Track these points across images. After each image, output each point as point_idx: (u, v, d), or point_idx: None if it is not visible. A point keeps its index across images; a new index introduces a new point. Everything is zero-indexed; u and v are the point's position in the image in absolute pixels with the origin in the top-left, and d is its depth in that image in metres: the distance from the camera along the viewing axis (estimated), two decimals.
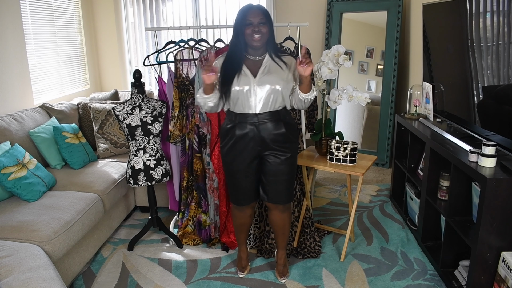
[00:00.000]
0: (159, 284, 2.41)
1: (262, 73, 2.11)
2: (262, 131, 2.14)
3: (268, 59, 2.15)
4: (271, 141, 2.15)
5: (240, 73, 2.11)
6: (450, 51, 2.59)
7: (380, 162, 4.28)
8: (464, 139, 2.34)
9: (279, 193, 2.25)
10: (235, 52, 2.13)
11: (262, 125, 2.14)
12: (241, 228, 2.44)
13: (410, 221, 3.02)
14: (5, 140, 2.74)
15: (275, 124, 2.14)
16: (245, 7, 2.10)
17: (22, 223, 2.21)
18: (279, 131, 2.15)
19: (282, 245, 2.45)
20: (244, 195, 2.29)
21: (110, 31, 4.62)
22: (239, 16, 2.09)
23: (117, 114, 2.63)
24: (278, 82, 2.10)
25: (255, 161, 2.22)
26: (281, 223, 2.36)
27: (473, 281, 2.03)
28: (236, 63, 2.13)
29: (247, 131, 2.14)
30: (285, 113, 2.19)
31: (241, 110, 2.14)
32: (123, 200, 3.11)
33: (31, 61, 3.54)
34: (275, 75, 2.11)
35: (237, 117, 2.16)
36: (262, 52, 2.15)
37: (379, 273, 2.48)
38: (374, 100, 4.21)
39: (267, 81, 2.10)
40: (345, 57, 2.44)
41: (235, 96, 2.12)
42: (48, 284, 1.66)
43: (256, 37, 2.06)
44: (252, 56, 2.16)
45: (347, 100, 2.55)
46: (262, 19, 2.06)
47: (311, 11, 4.50)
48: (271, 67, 2.13)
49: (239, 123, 2.16)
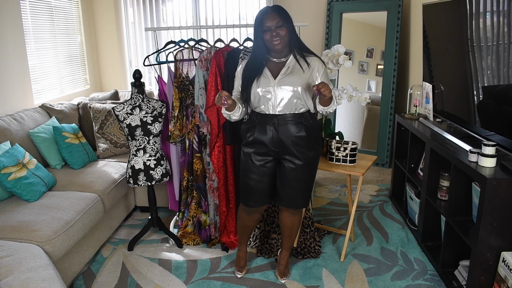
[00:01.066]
0: (159, 284, 2.41)
1: (283, 74, 2.08)
2: (281, 133, 2.10)
3: (291, 60, 2.11)
4: (290, 144, 2.11)
5: (260, 76, 2.09)
6: (450, 51, 2.59)
7: (380, 162, 4.28)
8: (464, 139, 2.34)
9: (294, 198, 2.23)
10: (256, 56, 2.11)
11: (281, 126, 2.10)
12: (244, 230, 2.42)
13: (410, 221, 3.02)
14: (5, 140, 2.74)
15: (296, 127, 2.10)
16: (261, 11, 2.06)
17: (22, 223, 2.21)
18: (299, 134, 2.10)
19: (287, 246, 2.44)
20: (256, 197, 2.24)
21: (110, 31, 4.62)
22: (256, 22, 2.05)
23: (117, 114, 2.63)
24: (299, 84, 2.06)
25: (273, 163, 2.19)
26: (289, 224, 2.35)
27: (473, 281, 2.03)
28: (257, 67, 2.10)
29: (266, 132, 2.12)
30: (307, 116, 2.14)
31: (261, 111, 2.12)
32: (123, 200, 3.11)
33: (31, 61, 3.54)
34: (297, 77, 2.07)
35: (258, 117, 2.14)
36: (286, 53, 2.11)
37: (379, 273, 2.48)
38: (374, 100, 4.21)
39: (288, 82, 2.06)
40: (345, 57, 2.44)
41: (256, 97, 2.10)
42: (48, 284, 1.66)
43: (275, 41, 2.02)
44: (275, 59, 2.12)
45: (347, 100, 2.55)
46: (279, 22, 2.01)
47: (311, 11, 4.50)
48: (293, 68, 2.10)
49: (259, 123, 2.14)
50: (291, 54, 2.12)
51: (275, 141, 2.12)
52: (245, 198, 2.28)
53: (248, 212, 2.32)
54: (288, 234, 2.39)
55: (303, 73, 2.09)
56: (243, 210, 2.34)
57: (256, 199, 2.25)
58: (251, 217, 2.34)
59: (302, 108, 2.11)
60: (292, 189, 2.19)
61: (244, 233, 2.45)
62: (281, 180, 2.21)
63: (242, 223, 2.40)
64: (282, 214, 2.35)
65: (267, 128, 2.12)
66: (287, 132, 2.10)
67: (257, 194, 2.23)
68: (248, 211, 2.32)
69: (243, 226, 2.41)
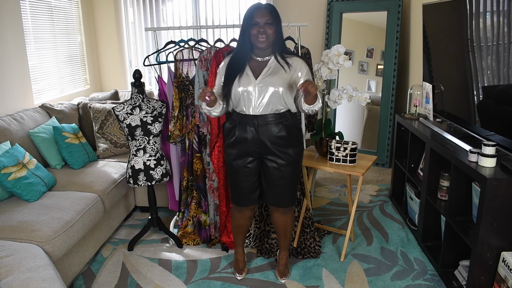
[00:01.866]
0: (159, 284, 2.41)
1: (264, 75, 2.08)
2: (261, 133, 2.11)
3: (273, 60, 2.12)
4: (271, 144, 2.12)
5: (242, 74, 2.09)
6: (450, 51, 2.59)
7: (380, 162, 4.28)
8: (464, 139, 2.34)
9: (279, 197, 2.24)
10: (240, 52, 2.11)
11: (261, 127, 2.10)
12: (238, 229, 2.44)
13: (410, 221, 3.02)
14: (5, 140, 2.74)
15: (276, 127, 2.11)
16: (253, 6, 2.06)
17: (22, 223, 2.21)
18: (279, 134, 2.11)
19: (284, 246, 2.45)
20: (244, 196, 2.28)
21: (110, 31, 4.62)
22: (246, 16, 2.05)
23: (117, 114, 2.63)
24: (281, 84, 2.06)
25: (255, 163, 2.20)
26: (282, 224, 2.35)
27: (473, 281, 2.03)
28: (240, 64, 2.10)
29: (246, 132, 2.13)
30: (288, 116, 2.14)
31: (242, 111, 2.13)
32: (123, 200, 3.11)
33: (31, 61, 3.54)
34: (278, 77, 2.07)
35: (238, 117, 2.14)
36: (268, 53, 2.12)
37: (379, 273, 2.48)
38: (374, 100, 4.21)
39: (269, 83, 2.06)
40: (345, 57, 2.44)
41: (236, 97, 2.10)
42: (48, 284, 1.66)
43: (261, 38, 2.02)
44: (258, 57, 2.12)
45: (347, 100, 2.55)
46: (269, 19, 2.01)
47: (311, 11, 4.50)
48: (274, 69, 2.10)
49: (239, 124, 2.14)
50: (273, 54, 2.12)
51: (256, 142, 2.13)
52: (235, 197, 2.32)
53: (240, 210, 2.35)
54: (283, 234, 2.40)
55: (284, 73, 2.09)
56: (235, 208, 2.38)
57: (244, 197, 2.28)
58: (243, 215, 2.36)
59: (282, 108, 2.12)
60: (277, 187, 2.20)
61: (238, 233, 2.45)
62: (265, 180, 2.22)
63: (235, 222, 2.42)
64: (273, 215, 2.36)
65: (248, 129, 2.12)
66: (267, 133, 2.11)
67: (245, 193, 2.26)
68: (239, 209, 2.35)
69: (236, 225, 2.43)
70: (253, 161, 2.19)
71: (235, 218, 2.41)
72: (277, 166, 2.15)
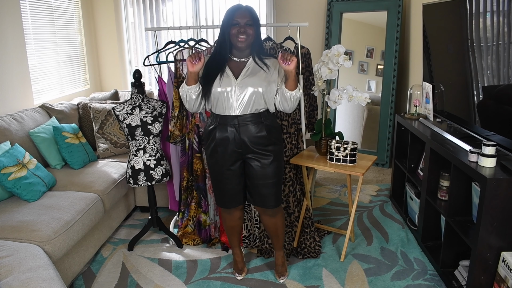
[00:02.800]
0: (159, 284, 2.41)
1: (244, 75, 2.09)
2: (242, 133, 2.11)
3: (251, 61, 2.13)
4: (252, 144, 2.13)
5: (222, 74, 2.09)
6: (450, 51, 2.59)
7: (380, 162, 4.28)
8: (464, 139, 2.34)
9: (264, 197, 2.23)
10: (219, 52, 2.11)
11: (242, 127, 2.11)
12: (231, 230, 2.43)
13: (410, 221, 3.02)
14: (5, 140, 2.74)
15: (256, 127, 2.12)
16: (233, 6, 2.07)
17: (22, 223, 2.21)
18: (260, 134, 2.12)
19: (278, 246, 2.45)
20: (229, 198, 2.27)
21: (110, 31, 4.62)
22: (226, 15, 2.06)
23: (117, 114, 2.63)
24: (260, 84, 2.08)
25: (238, 163, 2.20)
26: (272, 226, 2.35)
27: (473, 281, 2.03)
28: (220, 64, 2.11)
29: (227, 133, 2.13)
30: (267, 115, 2.16)
31: (221, 112, 2.13)
32: (123, 200, 3.11)
33: (31, 61, 3.54)
34: (257, 78, 2.09)
35: (218, 118, 2.15)
36: (247, 54, 2.13)
37: (379, 273, 2.48)
38: (374, 100, 4.21)
39: (249, 83, 2.07)
40: (345, 57, 2.44)
41: (216, 97, 2.11)
42: (48, 284, 1.66)
43: (241, 38, 2.03)
44: (236, 58, 2.14)
45: (347, 100, 2.55)
46: (249, 20, 2.03)
47: (311, 11, 4.50)
48: (253, 69, 2.11)
49: (219, 125, 2.14)
50: (251, 56, 2.13)
51: (237, 142, 2.13)
52: (220, 200, 2.32)
53: (228, 212, 2.35)
54: (275, 235, 2.40)
55: (263, 73, 2.10)
56: (223, 211, 2.38)
57: (229, 199, 2.28)
58: (233, 216, 2.37)
59: (262, 108, 2.13)
60: (261, 187, 2.20)
61: (232, 235, 2.45)
62: (249, 180, 2.23)
63: (227, 224, 2.42)
64: (262, 218, 2.36)
65: (228, 130, 2.12)
66: (248, 132, 2.11)
67: (230, 194, 2.26)
68: (227, 211, 2.35)
69: (228, 227, 2.42)
70: (235, 162, 2.19)
71: (225, 220, 2.40)
72: (259, 165, 2.16)
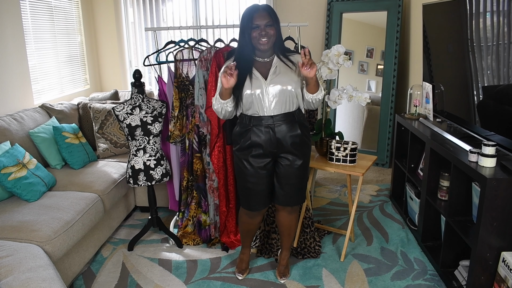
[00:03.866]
0: (159, 284, 2.41)
1: (273, 74, 2.08)
2: (278, 133, 2.10)
3: (277, 60, 2.12)
4: (287, 143, 2.12)
5: (250, 77, 2.08)
6: (450, 51, 2.59)
7: (380, 162, 4.28)
8: (464, 139, 2.34)
9: (290, 195, 2.23)
10: (243, 54, 2.09)
11: (277, 127, 2.10)
12: (247, 233, 2.42)
13: (410, 221, 3.02)
14: (5, 140, 2.74)
15: (291, 126, 2.11)
16: (251, 8, 2.05)
17: (22, 223, 2.21)
18: (294, 133, 2.12)
19: (287, 246, 2.45)
20: (257, 200, 2.23)
21: (110, 31, 4.62)
22: (245, 18, 2.04)
23: (117, 114, 2.63)
24: (289, 83, 2.07)
25: (271, 164, 2.19)
26: (287, 224, 2.35)
27: (473, 281, 2.03)
28: (246, 66, 2.08)
29: (263, 134, 2.11)
30: (299, 114, 2.16)
31: (254, 113, 2.11)
32: (123, 200, 3.11)
33: (31, 61, 3.54)
34: (286, 76, 2.08)
35: (252, 120, 2.12)
36: (270, 53, 2.12)
37: (379, 273, 2.48)
38: (374, 100, 4.21)
39: (278, 82, 2.07)
40: (345, 57, 2.44)
41: (248, 100, 2.09)
42: (48, 284, 1.66)
43: (263, 41, 2.02)
44: (260, 58, 2.12)
45: (347, 100, 2.55)
46: (269, 21, 2.01)
47: (311, 11, 4.50)
48: (281, 68, 2.10)
49: (254, 126, 2.12)
50: (275, 54, 2.13)
51: (273, 142, 2.12)
52: (246, 202, 2.26)
53: (251, 215, 2.31)
54: (287, 234, 2.39)
55: (291, 71, 2.10)
56: (245, 214, 2.32)
57: (257, 202, 2.24)
58: (254, 220, 2.33)
59: (294, 107, 2.13)
60: (290, 186, 2.20)
61: (247, 237, 2.44)
62: (279, 179, 2.21)
63: (244, 227, 2.39)
64: (280, 214, 2.35)
65: (264, 130, 2.11)
66: (283, 132, 2.11)
67: (258, 197, 2.22)
68: (250, 215, 2.31)
69: (246, 230, 2.40)
70: (269, 162, 2.17)
71: (244, 223, 2.37)
72: (292, 164, 2.15)
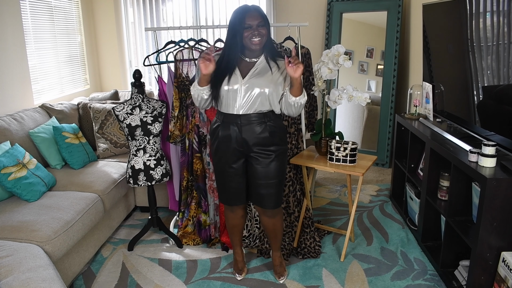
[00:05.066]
0: (159, 284, 2.41)
1: (251, 75, 2.08)
2: (244, 132, 2.11)
3: (261, 61, 2.11)
4: (253, 144, 2.13)
5: (231, 74, 2.09)
6: (450, 51, 2.59)
7: (380, 162, 4.28)
8: (464, 139, 2.34)
9: (263, 197, 2.22)
10: (230, 53, 2.09)
11: (244, 126, 2.11)
12: (233, 229, 2.44)
13: (410, 221, 3.02)
14: (5, 140, 2.74)
15: (259, 127, 2.11)
16: (241, 8, 2.05)
17: (22, 223, 2.21)
18: (262, 135, 2.11)
19: (275, 247, 2.45)
20: (233, 195, 2.29)
21: (110, 31, 4.62)
22: (237, 18, 2.03)
23: (117, 114, 2.63)
24: (267, 85, 2.06)
25: (241, 162, 2.20)
26: (270, 227, 2.35)
27: (473, 281, 2.03)
28: (230, 64, 2.09)
29: (229, 131, 2.13)
30: (271, 116, 2.15)
31: (226, 110, 2.13)
32: (123, 200, 3.11)
33: (31, 61, 3.54)
34: (265, 78, 2.08)
35: (222, 116, 2.15)
36: (258, 54, 2.12)
37: (379, 273, 2.48)
38: (374, 100, 4.21)
39: (255, 84, 2.06)
40: (345, 57, 2.44)
41: (222, 96, 2.11)
42: (48, 284, 1.66)
43: (255, 41, 2.02)
44: (247, 58, 2.12)
45: (347, 100, 2.55)
46: (261, 21, 2.01)
47: (311, 11, 4.50)
48: (261, 70, 2.10)
49: (223, 123, 2.15)
50: (262, 55, 2.12)
51: (239, 141, 2.13)
52: (223, 197, 2.33)
53: (231, 209, 2.36)
54: (273, 236, 2.40)
55: (271, 74, 2.09)
56: (226, 208, 2.38)
57: (233, 196, 2.29)
58: (236, 214, 2.37)
59: (266, 109, 2.12)
60: (261, 187, 2.20)
61: (234, 234, 2.46)
62: (250, 179, 2.24)
63: (229, 222, 2.42)
64: (261, 218, 2.36)
65: (231, 128, 2.13)
66: (250, 132, 2.11)
67: (233, 192, 2.27)
68: (230, 209, 2.36)
69: (231, 226, 2.43)
70: (237, 160, 2.19)
71: (228, 218, 2.41)
72: (260, 165, 2.16)
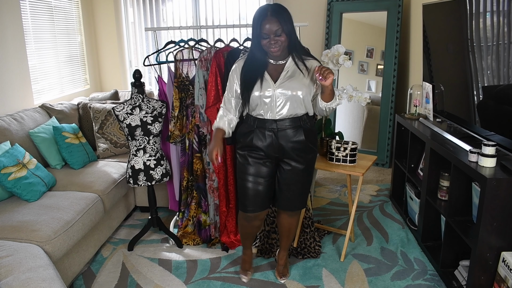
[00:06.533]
0: (159, 284, 2.41)
1: (283, 79, 2.03)
2: (281, 138, 2.07)
3: (290, 63, 2.06)
4: (289, 149, 2.08)
5: (261, 79, 2.03)
6: (450, 51, 2.59)
7: (380, 162, 4.28)
8: (464, 139, 2.34)
9: (291, 200, 2.21)
10: (256, 56, 2.04)
11: (281, 131, 2.06)
12: (246, 236, 2.39)
13: (410, 221, 3.02)
14: (5, 140, 2.74)
15: (295, 131, 2.07)
16: (259, 13, 1.94)
17: (22, 223, 2.21)
18: (298, 139, 2.07)
19: (285, 247, 2.44)
20: (254, 201, 2.17)
21: (110, 31, 4.62)
22: (255, 25, 1.95)
23: (117, 114, 2.63)
24: (299, 88, 2.01)
25: (272, 166, 2.16)
26: (287, 226, 2.34)
27: (473, 281, 2.03)
28: (258, 69, 2.04)
29: (265, 137, 2.08)
30: (306, 119, 2.10)
31: (259, 115, 2.08)
32: (123, 200, 3.11)
33: (31, 61, 3.54)
34: (297, 81, 2.03)
35: (256, 122, 2.09)
36: (284, 56, 2.05)
37: (379, 273, 2.48)
38: (374, 100, 4.21)
39: (288, 87, 2.01)
40: (345, 57, 2.44)
41: (255, 102, 2.05)
42: (48, 284, 1.66)
43: (273, 50, 1.96)
44: (273, 60, 2.06)
45: (347, 100, 2.55)
46: (279, 29, 1.90)
47: (311, 11, 4.50)
48: (292, 73, 2.04)
49: (257, 128, 2.09)
50: (290, 56, 2.06)
51: (275, 147, 2.09)
52: (243, 204, 2.21)
53: (248, 219, 2.25)
54: (286, 235, 2.38)
55: (303, 77, 2.04)
56: (243, 217, 2.28)
57: (254, 203, 2.18)
58: (251, 225, 2.28)
59: (301, 112, 2.08)
60: (291, 191, 2.17)
61: (246, 239, 2.41)
62: (280, 184, 2.18)
63: (243, 230, 2.36)
64: (280, 216, 2.34)
65: (266, 134, 2.08)
66: (286, 137, 2.07)
67: (255, 197, 2.16)
68: (247, 219, 2.25)
69: (245, 233, 2.37)
70: (270, 165, 2.15)
71: (243, 227, 2.33)
72: (293, 170, 2.12)
